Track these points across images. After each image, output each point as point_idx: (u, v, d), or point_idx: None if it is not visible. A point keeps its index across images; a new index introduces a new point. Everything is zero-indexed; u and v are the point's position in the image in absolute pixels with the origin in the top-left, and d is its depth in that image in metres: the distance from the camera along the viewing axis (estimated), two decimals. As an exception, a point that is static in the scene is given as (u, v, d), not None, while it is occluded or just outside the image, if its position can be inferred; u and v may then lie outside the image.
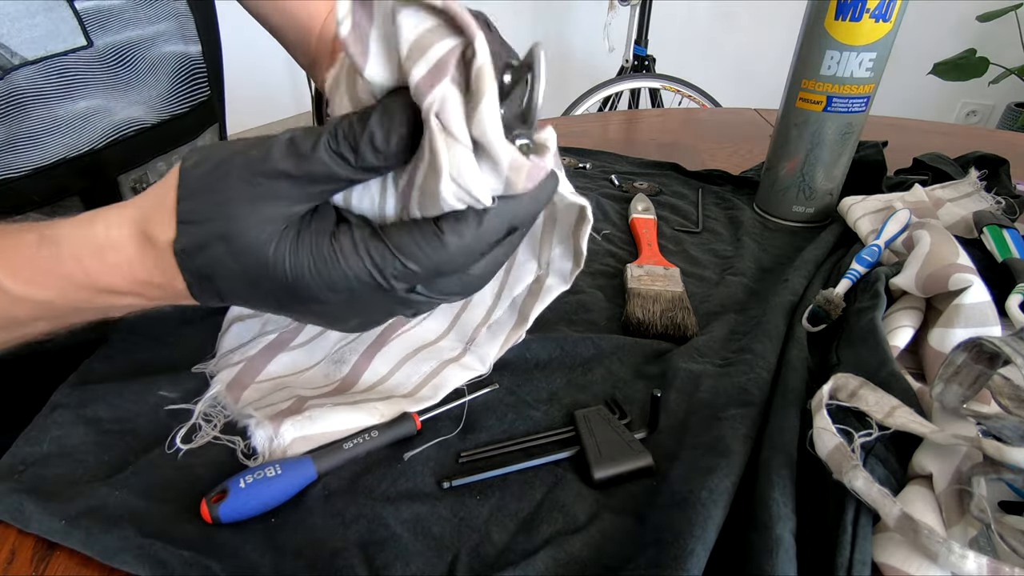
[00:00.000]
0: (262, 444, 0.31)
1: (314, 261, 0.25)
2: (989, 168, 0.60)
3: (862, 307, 0.39)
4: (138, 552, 0.26)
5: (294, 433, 0.31)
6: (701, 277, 0.50)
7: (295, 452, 0.31)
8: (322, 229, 0.25)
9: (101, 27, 0.43)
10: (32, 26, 0.39)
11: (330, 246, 0.25)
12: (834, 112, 0.53)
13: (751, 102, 1.10)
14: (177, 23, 0.48)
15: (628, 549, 0.28)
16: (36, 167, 0.41)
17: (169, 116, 0.49)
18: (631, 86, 2.00)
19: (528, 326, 0.38)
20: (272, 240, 0.25)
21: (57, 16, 0.40)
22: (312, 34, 0.56)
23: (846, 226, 0.55)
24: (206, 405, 0.34)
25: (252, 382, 0.36)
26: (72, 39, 0.41)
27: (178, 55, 0.49)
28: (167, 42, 0.48)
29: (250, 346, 0.38)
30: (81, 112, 0.42)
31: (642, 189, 0.65)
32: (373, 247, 0.25)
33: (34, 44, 0.39)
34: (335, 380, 0.37)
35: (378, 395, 0.35)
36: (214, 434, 0.33)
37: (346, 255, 0.25)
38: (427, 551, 0.28)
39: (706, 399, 0.35)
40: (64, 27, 0.40)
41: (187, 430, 0.33)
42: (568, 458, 0.32)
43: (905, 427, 0.28)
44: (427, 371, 0.37)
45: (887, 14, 0.48)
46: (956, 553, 0.22)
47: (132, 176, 0.47)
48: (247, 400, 0.35)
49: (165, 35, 0.47)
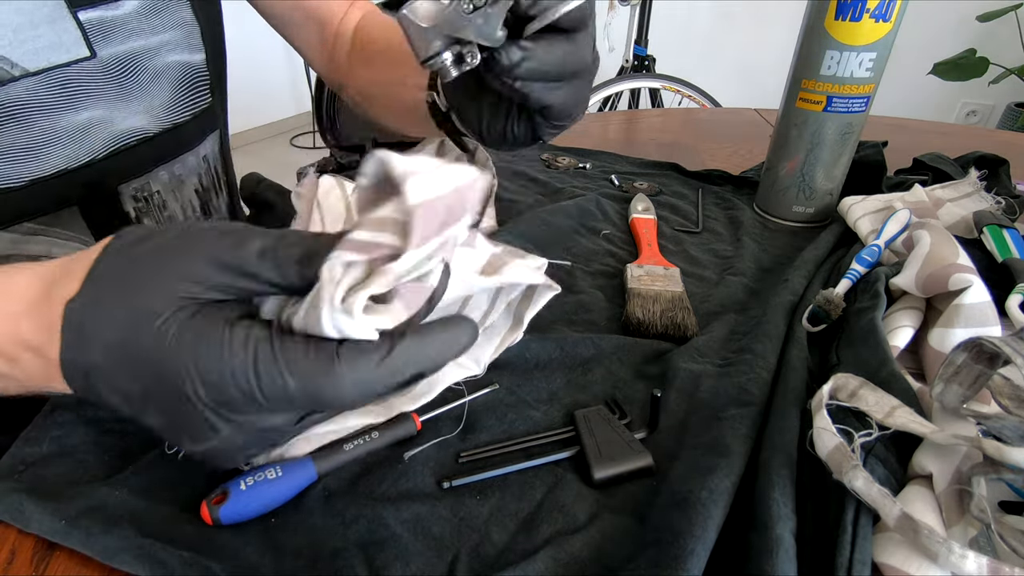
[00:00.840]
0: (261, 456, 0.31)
1: (197, 340, 0.23)
2: (989, 168, 0.60)
3: (862, 307, 0.39)
4: (138, 552, 0.26)
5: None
6: (701, 277, 0.50)
7: (294, 454, 0.31)
8: (221, 315, 0.23)
9: (104, 38, 0.42)
10: (35, 37, 0.38)
11: (221, 331, 0.23)
12: (834, 112, 0.53)
13: (751, 102, 1.10)
14: (183, 32, 0.48)
15: (628, 549, 0.28)
16: (34, 178, 0.40)
17: (171, 125, 0.48)
18: (631, 86, 2.00)
19: (523, 329, 0.38)
20: (168, 309, 0.23)
21: (60, 27, 0.39)
22: (330, 30, 0.56)
23: (846, 226, 0.55)
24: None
25: None
26: (75, 50, 0.40)
27: (182, 64, 0.48)
28: (171, 51, 0.47)
29: None
30: (83, 123, 0.42)
31: (642, 189, 0.65)
32: (262, 349, 0.22)
33: (36, 56, 0.38)
34: None
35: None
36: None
37: (233, 346, 0.22)
38: (427, 551, 0.28)
39: (706, 399, 0.35)
40: (67, 38, 0.40)
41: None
42: (568, 458, 0.32)
43: (905, 427, 0.28)
44: None
45: (887, 14, 0.48)
46: (956, 553, 0.22)
47: (133, 185, 0.47)
48: None
49: (170, 44, 0.47)
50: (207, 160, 0.54)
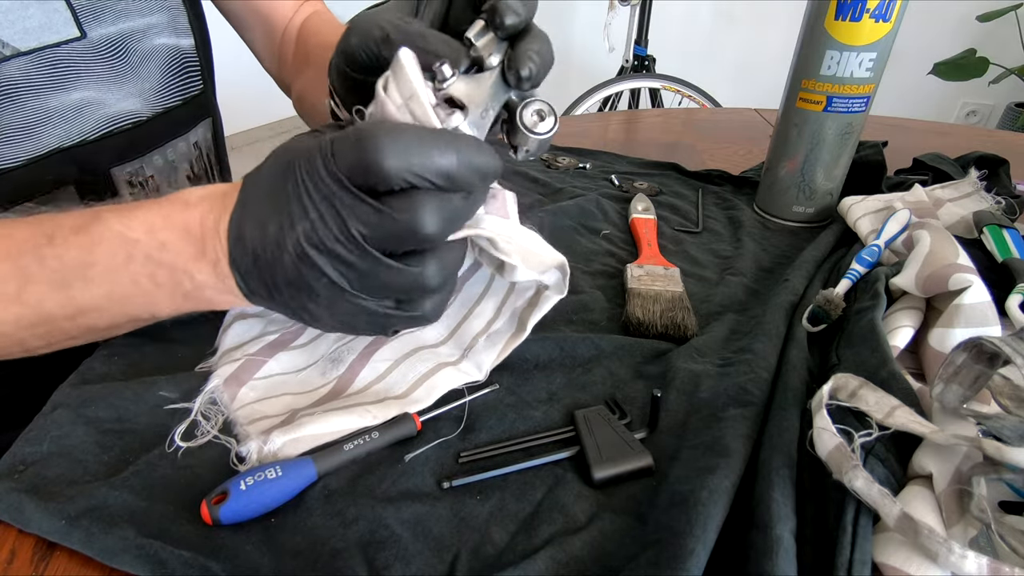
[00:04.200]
0: (254, 454, 0.31)
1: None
2: (989, 168, 0.60)
3: (862, 307, 0.39)
4: (138, 552, 0.26)
5: (283, 437, 0.31)
6: (701, 277, 0.50)
7: (287, 454, 0.31)
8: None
9: (95, 18, 0.43)
10: (26, 17, 0.39)
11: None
12: (834, 112, 0.53)
13: (751, 102, 1.10)
14: (169, 16, 0.49)
15: (628, 549, 0.28)
16: (29, 157, 0.41)
17: (163, 109, 0.49)
18: (631, 86, 2.00)
19: (527, 334, 0.38)
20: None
21: (51, 7, 0.40)
22: (278, 30, 0.56)
23: (846, 226, 0.55)
24: (204, 401, 0.34)
25: (250, 379, 0.36)
26: (66, 30, 0.41)
27: (170, 48, 0.49)
28: (159, 34, 0.48)
29: (251, 344, 0.38)
30: (74, 103, 0.42)
31: (642, 189, 0.65)
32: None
33: (27, 35, 0.39)
34: (331, 379, 0.37)
35: (371, 397, 0.35)
36: (214, 432, 0.33)
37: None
38: (427, 551, 0.28)
39: (706, 399, 0.35)
40: (57, 18, 0.41)
41: (186, 427, 0.33)
42: (568, 458, 0.32)
43: (905, 427, 0.28)
44: (423, 371, 0.37)
45: (887, 14, 0.48)
46: (956, 553, 0.22)
47: (127, 169, 0.47)
48: (243, 400, 0.35)
49: (157, 27, 0.48)
50: (199, 147, 0.55)
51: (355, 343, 0.39)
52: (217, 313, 0.42)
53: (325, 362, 0.38)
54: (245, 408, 0.34)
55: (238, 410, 0.34)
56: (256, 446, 0.31)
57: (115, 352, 0.39)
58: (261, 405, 0.35)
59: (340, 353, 0.38)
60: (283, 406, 0.35)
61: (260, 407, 0.35)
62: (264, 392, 0.36)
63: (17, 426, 0.33)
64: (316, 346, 0.39)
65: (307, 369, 0.38)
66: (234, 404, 0.34)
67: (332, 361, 0.38)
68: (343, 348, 0.39)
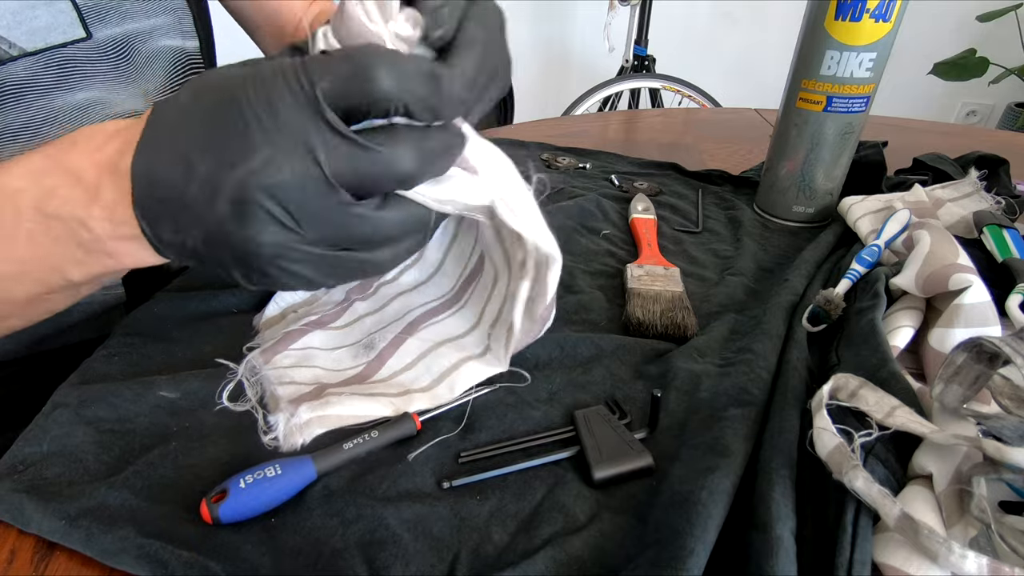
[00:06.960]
0: (281, 424, 0.32)
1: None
2: (989, 168, 0.60)
3: (862, 307, 0.39)
4: (138, 552, 0.26)
5: (310, 414, 0.32)
6: (701, 277, 0.50)
7: (311, 433, 0.32)
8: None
9: (100, 19, 0.43)
10: (33, 18, 0.39)
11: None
12: (834, 112, 0.53)
13: (751, 102, 1.10)
14: (174, 17, 0.49)
15: (628, 549, 0.28)
16: None
17: None
18: (631, 86, 2.00)
19: (548, 326, 0.38)
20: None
21: (57, 8, 0.40)
22: (286, 32, 0.56)
23: (846, 226, 0.55)
24: (247, 367, 0.35)
25: (286, 348, 0.38)
26: (72, 31, 0.41)
27: (175, 49, 0.49)
28: (164, 36, 0.48)
29: (291, 321, 0.40)
30: (80, 103, 0.42)
31: (642, 189, 0.65)
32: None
33: (34, 36, 0.39)
34: (360, 363, 0.38)
35: (395, 388, 0.36)
36: (254, 400, 0.34)
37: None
38: (427, 551, 0.28)
39: (706, 399, 0.35)
40: (63, 19, 0.41)
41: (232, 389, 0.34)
42: (568, 458, 0.32)
43: (905, 427, 0.28)
44: (446, 366, 0.37)
45: (887, 14, 0.48)
46: (956, 553, 0.22)
47: None
48: (277, 364, 0.36)
49: (162, 29, 0.48)
50: None
51: (387, 331, 0.40)
52: (219, 315, 0.42)
53: (359, 347, 0.39)
54: (277, 370, 0.36)
55: (270, 371, 0.35)
56: (284, 417, 0.32)
57: (115, 352, 0.39)
58: (292, 371, 0.36)
59: (374, 339, 0.39)
60: (312, 377, 0.36)
61: (291, 372, 0.36)
62: (296, 361, 0.37)
63: (17, 426, 0.33)
64: (352, 330, 0.41)
65: (341, 349, 0.39)
66: (268, 366, 0.36)
67: (366, 347, 0.39)
68: (377, 335, 0.40)
